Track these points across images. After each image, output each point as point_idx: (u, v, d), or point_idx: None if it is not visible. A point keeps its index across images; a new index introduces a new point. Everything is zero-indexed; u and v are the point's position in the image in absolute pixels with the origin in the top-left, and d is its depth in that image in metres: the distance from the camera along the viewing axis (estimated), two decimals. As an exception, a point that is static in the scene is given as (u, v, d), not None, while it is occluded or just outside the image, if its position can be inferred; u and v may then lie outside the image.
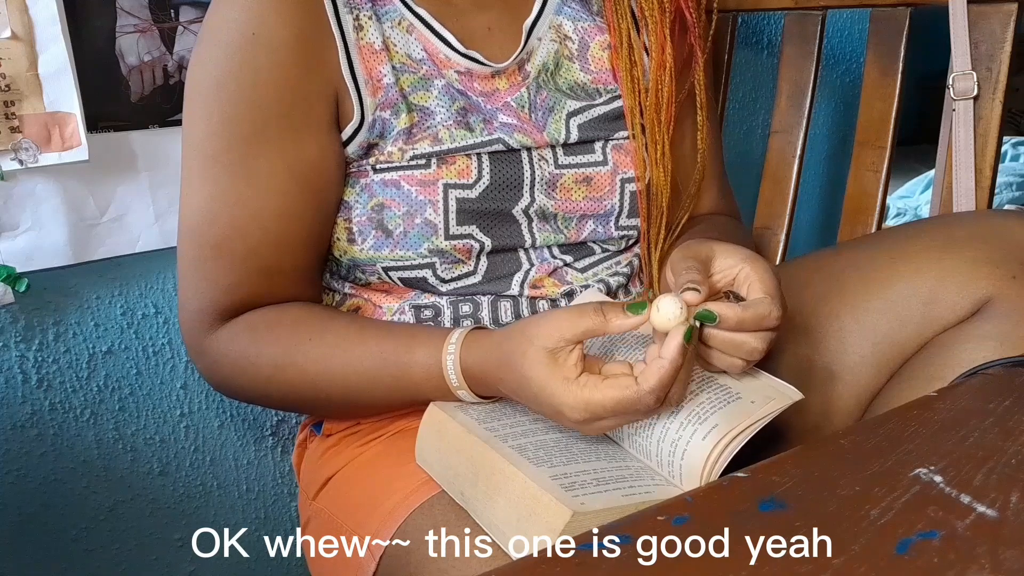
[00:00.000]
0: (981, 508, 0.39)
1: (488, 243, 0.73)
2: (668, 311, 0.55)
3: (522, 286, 0.75)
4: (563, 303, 0.75)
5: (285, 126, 0.67)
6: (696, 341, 0.58)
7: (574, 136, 0.76)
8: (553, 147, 0.75)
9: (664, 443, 0.59)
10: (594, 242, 0.79)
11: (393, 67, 0.70)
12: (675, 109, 0.78)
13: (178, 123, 0.86)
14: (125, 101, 0.84)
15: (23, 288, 0.82)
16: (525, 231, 0.74)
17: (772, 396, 0.60)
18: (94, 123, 0.82)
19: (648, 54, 0.79)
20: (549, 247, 0.77)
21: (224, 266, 0.69)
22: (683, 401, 0.60)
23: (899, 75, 0.92)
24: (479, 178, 0.71)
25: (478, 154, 0.71)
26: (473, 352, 0.63)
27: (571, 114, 0.76)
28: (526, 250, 0.76)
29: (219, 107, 0.67)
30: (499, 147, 0.72)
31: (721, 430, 0.56)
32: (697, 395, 0.60)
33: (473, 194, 0.71)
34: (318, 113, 0.69)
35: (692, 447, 0.57)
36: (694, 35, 0.79)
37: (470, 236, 0.72)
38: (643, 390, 0.54)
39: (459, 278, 0.74)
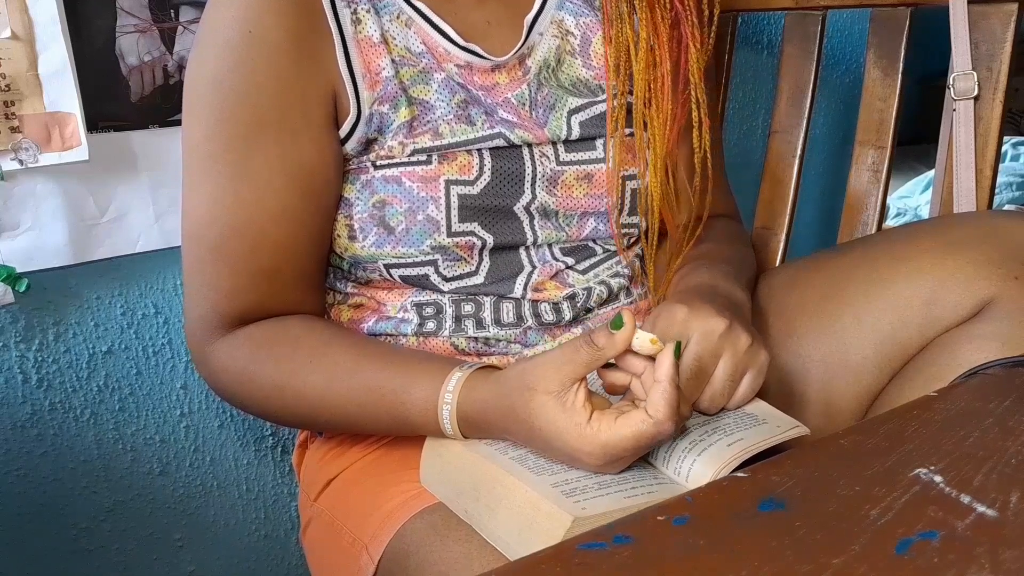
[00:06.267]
0: (981, 508, 0.39)
1: (490, 240, 0.72)
2: (644, 335, 0.57)
3: (525, 288, 0.75)
4: (565, 305, 0.75)
5: (281, 126, 0.67)
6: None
7: (575, 133, 0.75)
8: (554, 143, 0.75)
9: (683, 440, 0.61)
10: (595, 241, 0.78)
11: (392, 60, 0.70)
12: (676, 107, 0.77)
13: (178, 123, 0.86)
14: (125, 101, 0.84)
15: (23, 288, 0.82)
16: (527, 228, 0.74)
17: (793, 424, 0.64)
18: (94, 123, 0.82)
19: (638, 49, 0.78)
20: (551, 247, 0.76)
21: (224, 269, 0.68)
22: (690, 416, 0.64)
23: (899, 75, 0.91)
24: (480, 174, 0.71)
25: (479, 150, 0.71)
26: (473, 401, 0.60)
27: (572, 111, 0.76)
28: (527, 249, 0.75)
29: (216, 106, 0.67)
30: (500, 142, 0.72)
31: (746, 442, 0.59)
32: (723, 418, 0.64)
33: (475, 190, 0.71)
34: (315, 113, 0.69)
35: (714, 448, 0.59)
36: (685, 26, 0.77)
37: (472, 233, 0.72)
38: (660, 420, 0.54)
39: (461, 277, 0.73)
